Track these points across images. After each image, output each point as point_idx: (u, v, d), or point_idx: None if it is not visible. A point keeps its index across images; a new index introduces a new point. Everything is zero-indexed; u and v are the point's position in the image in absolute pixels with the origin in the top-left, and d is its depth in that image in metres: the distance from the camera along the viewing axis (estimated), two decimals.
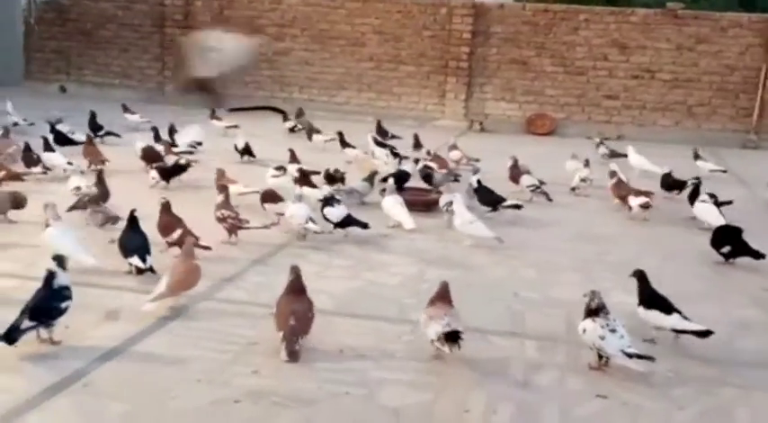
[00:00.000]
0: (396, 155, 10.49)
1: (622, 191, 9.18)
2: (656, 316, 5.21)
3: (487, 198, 8.54)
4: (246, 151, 10.66)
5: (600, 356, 4.75)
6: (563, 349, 5.05)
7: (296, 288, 4.96)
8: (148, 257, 5.86)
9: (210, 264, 5.95)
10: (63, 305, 4.59)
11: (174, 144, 10.59)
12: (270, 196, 7.75)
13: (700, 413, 4.37)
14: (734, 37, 15.76)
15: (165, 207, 6.63)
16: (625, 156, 11.55)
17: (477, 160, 10.76)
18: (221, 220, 7.00)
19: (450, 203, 7.74)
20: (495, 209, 8.49)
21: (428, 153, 10.59)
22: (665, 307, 5.22)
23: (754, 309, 6.19)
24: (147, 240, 6.04)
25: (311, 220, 7.14)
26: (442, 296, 4.94)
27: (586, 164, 10.33)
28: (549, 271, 6.79)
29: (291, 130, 13.29)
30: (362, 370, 4.60)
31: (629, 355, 4.58)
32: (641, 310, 5.29)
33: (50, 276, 4.62)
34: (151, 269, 5.82)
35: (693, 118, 16.05)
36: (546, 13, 16.61)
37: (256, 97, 17.01)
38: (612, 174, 9.50)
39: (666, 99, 16.12)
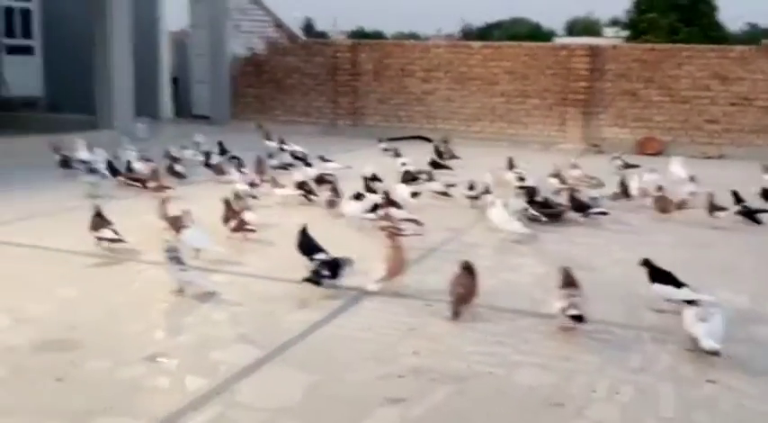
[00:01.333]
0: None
1: (664, 203, 8.61)
2: (668, 290, 5.11)
3: (578, 206, 8.35)
4: (374, 179, 10.10)
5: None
6: (675, 340, 4.79)
7: (469, 270, 5.23)
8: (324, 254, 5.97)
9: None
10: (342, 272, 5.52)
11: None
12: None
13: None
14: None
15: (227, 203, 7.27)
16: (637, 166, 10.63)
17: (595, 178, 10.40)
18: (383, 229, 7.10)
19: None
20: (585, 215, 8.26)
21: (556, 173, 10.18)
22: (676, 283, 5.14)
23: None
24: (317, 243, 6.13)
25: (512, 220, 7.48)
26: (569, 280, 4.98)
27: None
28: None
29: (385, 149, 13.32)
30: (503, 354, 4.55)
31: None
32: (656, 286, 5.22)
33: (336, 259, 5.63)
34: None
35: None
36: (653, 51, 16.00)
37: (409, 128, 17.20)
38: (659, 188, 8.96)
39: (762, 123, 15.09)
